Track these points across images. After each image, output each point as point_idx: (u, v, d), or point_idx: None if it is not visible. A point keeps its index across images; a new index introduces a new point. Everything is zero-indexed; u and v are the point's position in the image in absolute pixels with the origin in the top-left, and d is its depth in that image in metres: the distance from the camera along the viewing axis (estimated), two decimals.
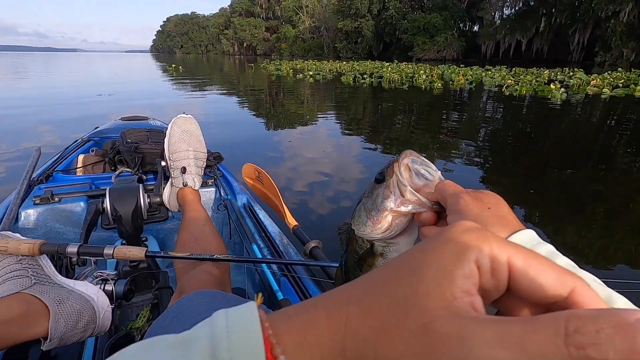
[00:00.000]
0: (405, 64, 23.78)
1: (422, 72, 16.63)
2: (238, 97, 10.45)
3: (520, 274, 0.17)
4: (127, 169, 1.74)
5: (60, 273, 0.79)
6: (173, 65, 23.38)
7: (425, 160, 0.39)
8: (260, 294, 0.71)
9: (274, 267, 0.90)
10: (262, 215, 1.19)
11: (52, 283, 0.74)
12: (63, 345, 0.70)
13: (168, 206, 1.31)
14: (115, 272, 0.83)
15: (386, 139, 5.45)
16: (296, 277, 0.83)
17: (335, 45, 57.66)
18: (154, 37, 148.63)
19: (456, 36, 46.01)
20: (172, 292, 0.93)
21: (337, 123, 6.66)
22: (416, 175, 0.38)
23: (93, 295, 0.76)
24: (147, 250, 0.78)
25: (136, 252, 0.77)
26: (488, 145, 5.22)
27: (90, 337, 0.77)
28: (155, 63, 40.36)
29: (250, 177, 1.51)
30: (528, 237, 0.31)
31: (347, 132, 5.94)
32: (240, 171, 1.59)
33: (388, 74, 15.83)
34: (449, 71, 17.21)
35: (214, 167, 1.64)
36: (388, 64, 23.89)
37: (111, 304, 0.79)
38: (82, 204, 1.39)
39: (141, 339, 0.74)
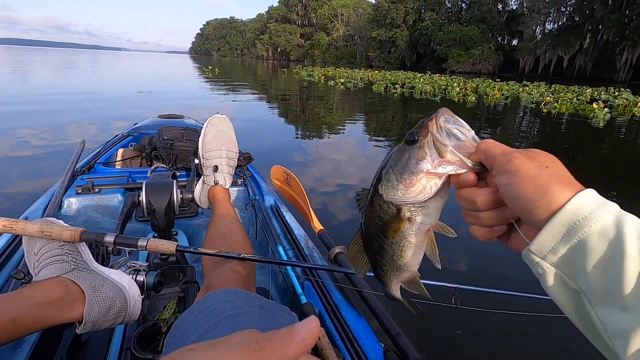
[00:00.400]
0: (438, 76, 23.41)
1: (455, 84, 16.30)
2: (269, 101, 10.65)
3: None
4: (162, 165, 1.81)
5: (96, 261, 0.82)
6: (209, 67, 24.21)
7: (459, 119, 0.36)
8: None
9: (298, 270, 0.91)
10: (289, 217, 1.20)
11: (89, 270, 0.77)
12: (95, 330, 0.73)
13: (199, 203, 1.35)
14: (147, 264, 0.86)
15: None
16: (320, 282, 0.83)
17: (368, 54, 57.69)
18: (193, 40, 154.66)
19: (493, 49, 44.83)
20: (198, 287, 0.95)
21: (365, 130, 6.64)
22: (451, 135, 0.36)
23: (125, 284, 0.79)
24: (177, 245, 0.80)
25: (168, 246, 0.80)
26: None
27: (119, 325, 0.80)
28: (192, 64, 41.92)
29: (279, 179, 1.53)
30: (593, 196, 0.30)
31: (374, 140, 5.90)
32: (269, 172, 1.62)
33: (420, 85, 15.64)
34: (484, 85, 16.77)
35: (244, 167, 1.68)
36: (420, 74, 23.64)
37: (141, 294, 0.81)
38: (119, 195, 1.45)
39: (167, 330, 0.76)
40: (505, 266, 2.11)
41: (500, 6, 47.33)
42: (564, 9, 40.11)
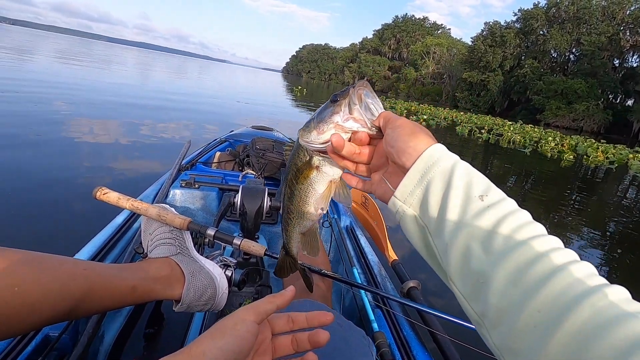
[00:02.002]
0: (530, 127, 21.72)
1: (550, 138, 14.97)
2: None
3: None
4: (252, 172, 1.99)
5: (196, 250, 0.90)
6: (299, 87, 25.76)
7: (376, 97, 0.44)
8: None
9: (370, 295, 0.92)
10: (363, 241, 1.23)
11: (189, 256, 0.84)
12: (187, 312, 0.80)
13: (282, 212, 1.45)
14: (235, 261, 0.95)
15: None
16: (392, 313, 0.84)
17: (455, 94, 56.05)
18: (288, 60, 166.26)
19: (601, 107, 40.30)
20: (271, 291, 1.01)
21: None
22: (365, 105, 0.43)
23: (217, 276, 0.85)
24: (266, 249, 0.87)
25: (258, 249, 0.87)
26: (618, 240, 4.36)
27: (201, 312, 0.88)
28: (283, 82, 44.98)
29: (356, 201, 1.58)
30: (441, 148, 0.39)
31: None
32: None
33: (509, 133, 14.68)
34: (586, 144, 15.10)
35: None
36: (511, 123, 22.18)
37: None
38: (214, 193, 1.62)
39: None
40: None
41: (617, 62, 42.74)
42: None
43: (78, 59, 19.44)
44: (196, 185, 1.58)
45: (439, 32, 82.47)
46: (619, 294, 0.27)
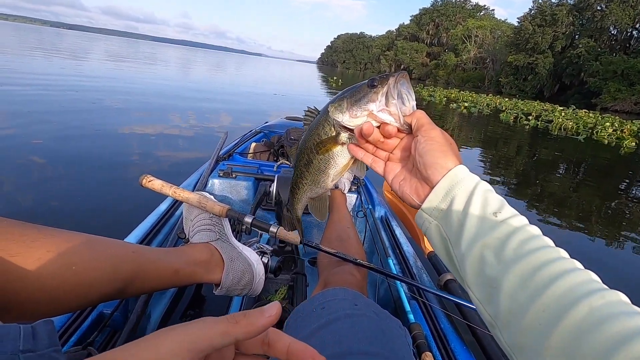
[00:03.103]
0: (585, 112, 20.02)
1: (608, 124, 13.72)
2: None
3: None
4: (286, 162, 2.01)
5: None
6: (334, 78, 25.61)
7: (412, 89, 0.44)
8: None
9: (405, 287, 0.91)
10: (399, 232, 1.21)
11: (228, 242, 0.88)
12: (226, 295, 0.83)
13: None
14: (272, 248, 0.97)
15: (536, 191, 4.72)
16: (428, 305, 0.82)
17: (499, 79, 52.88)
18: (322, 51, 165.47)
19: None
20: (305, 279, 1.02)
21: (481, 160, 6.12)
22: (401, 96, 0.44)
23: (255, 262, 0.88)
24: (302, 238, 0.89)
25: (294, 237, 0.88)
26: None
27: (238, 296, 0.91)
28: (318, 74, 44.91)
29: (391, 192, 1.55)
30: (464, 169, 0.42)
31: (489, 173, 5.38)
32: (381, 184, 1.65)
33: (560, 119, 13.65)
34: None
35: None
36: (562, 108, 20.58)
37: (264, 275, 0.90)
38: (249, 183, 1.66)
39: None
40: None
41: None
42: None
43: (128, 60, 20.67)
44: (233, 175, 1.63)
45: (481, 13, 77.86)
46: (615, 296, 0.30)
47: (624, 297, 0.31)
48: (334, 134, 0.47)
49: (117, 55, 24.10)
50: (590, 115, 18.16)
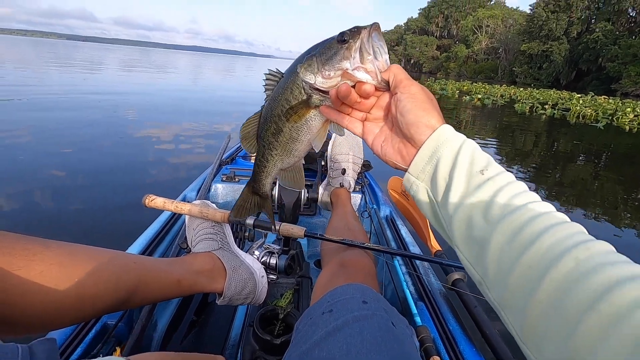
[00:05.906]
0: (604, 98, 19.37)
1: (629, 109, 13.22)
2: None
3: None
4: None
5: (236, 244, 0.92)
6: None
7: (384, 41, 0.40)
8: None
9: (412, 289, 0.88)
10: (404, 231, 1.18)
11: (230, 251, 0.87)
12: (229, 305, 0.82)
13: (319, 203, 1.44)
14: (280, 247, 0.96)
15: (555, 182, 4.56)
16: (435, 305, 0.80)
17: (513, 68, 51.68)
18: None
19: None
20: (311, 282, 1.01)
21: (497, 153, 5.97)
22: (374, 50, 0.40)
23: (257, 270, 0.87)
24: (305, 230, 0.87)
25: (297, 231, 0.88)
26: None
27: (243, 305, 0.90)
28: None
29: (396, 190, 1.51)
30: (449, 129, 0.41)
31: (506, 163, 5.23)
32: (386, 182, 1.61)
33: (578, 107, 13.24)
34: None
35: (362, 174, 1.71)
36: (579, 95, 19.96)
37: (274, 275, 0.90)
38: None
39: (285, 316, 0.83)
40: None
41: None
42: None
43: (141, 68, 21.12)
44: (236, 179, 1.62)
45: (491, 2, 76.12)
46: (601, 247, 0.30)
47: (609, 247, 0.31)
48: (304, 97, 0.43)
49: (131, 64, 24.65)
50: (610, 101, 17.56)
